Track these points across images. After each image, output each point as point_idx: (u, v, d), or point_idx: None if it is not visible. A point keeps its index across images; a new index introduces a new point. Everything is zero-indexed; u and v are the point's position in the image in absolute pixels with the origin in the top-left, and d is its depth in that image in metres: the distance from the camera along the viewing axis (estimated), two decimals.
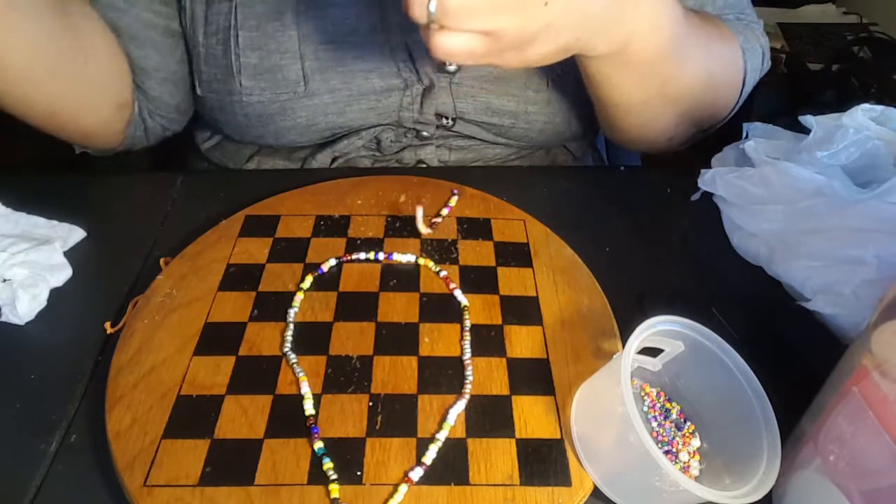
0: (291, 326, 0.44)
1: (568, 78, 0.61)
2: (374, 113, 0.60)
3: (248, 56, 0.56)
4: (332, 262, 0.49)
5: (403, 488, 0.35)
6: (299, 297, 0.46)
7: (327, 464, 0.36)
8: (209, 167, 0.71)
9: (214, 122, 0.63)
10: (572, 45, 0.43)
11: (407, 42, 0.57)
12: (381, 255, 0.49)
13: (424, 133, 0.62)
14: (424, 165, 0.64)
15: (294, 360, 0.42)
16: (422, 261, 0.49)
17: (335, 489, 0.35)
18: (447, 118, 0.61)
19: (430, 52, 0.39)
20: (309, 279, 0.47)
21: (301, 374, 0.41)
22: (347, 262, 0.49)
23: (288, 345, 0.43)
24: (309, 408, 0.39)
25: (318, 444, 0.37)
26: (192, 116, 0.67)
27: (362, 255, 0.49)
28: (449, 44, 0.38)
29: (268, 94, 0.57)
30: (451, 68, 0.58)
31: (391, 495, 0.35)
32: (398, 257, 0.49)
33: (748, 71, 0.59)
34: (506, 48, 0.39)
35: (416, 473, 0.36)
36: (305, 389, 0.40)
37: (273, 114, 0.58)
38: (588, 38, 0.43)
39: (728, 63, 0.57)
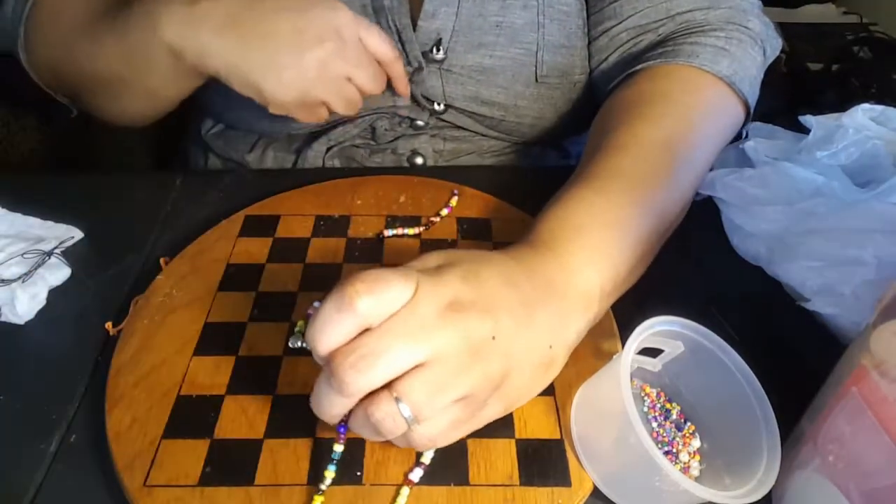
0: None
1: (553, 76, 0.61)
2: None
3: None
4: (317, 304, 0.45)
5: (405, 491, 0.35)
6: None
7: (330, 472, 0.35)
8: (211, 158, 0.71)
9: (213, 106, 0.65)
10: (550, 354, 0.36)
11: (396, 25, 0.57)
12: None
13: (419, 122, 0.63)
14: (420, 157, 0.65)
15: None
16: None
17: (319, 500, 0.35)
18: (438, 104, 0.62)
19: (417, 449, 0.35)
20: (301, 324, 0.44)
21: None
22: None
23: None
24: None
25: (338, 448, 0.36)
26: (195, 106, 0.69)
27: None
28: (433, 430, 0.33)
29: None
30: (439, 56, 0.59)
31: (393, 500, 0.35)
32: None
33: (745, 92, 0.53)
34: (484, 398, 0.34)
35: (416, 474, 0.36)
36: None
37: None
38: (557, 337, 0.37)
39: (716, 122, 0.52)
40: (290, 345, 0.43)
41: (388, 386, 0.31)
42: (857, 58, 1.22)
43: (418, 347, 0.31)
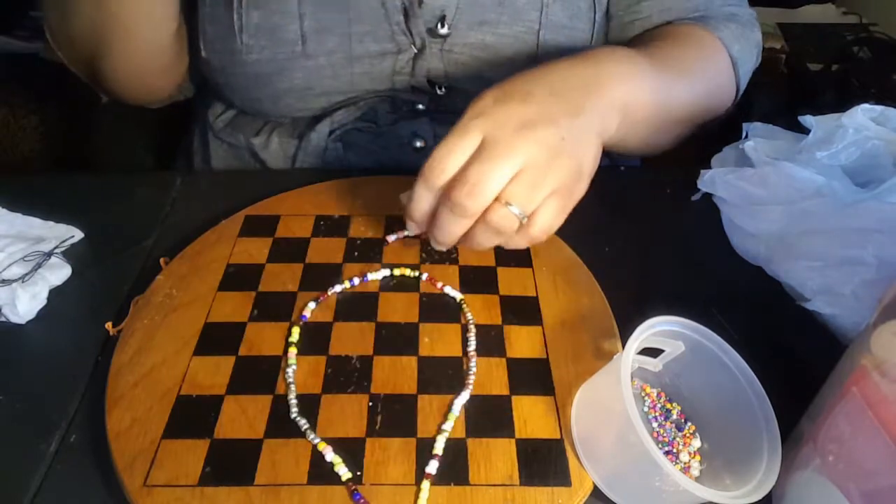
0: (293, 388, 0.41)
1: (552, 56, 0.62)
2: (367, 77, 0.61)
3: (251, 15, 0.58)
4: (312, 304, 0.46)
5: (426, 485, 0.35)
6: (293, 352, 0.42)
7: None
8: (215, 147, 0.72)
9: (217, 87, 0.66)
10: (598, 142, 0.45)
11: (403, 3, 0.58)
12: (357, 281, 0.48)
13: (419, 106, 0.64)
14: (420, 141, 0.65)
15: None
16: (397, 271, 0.49)
17: None
18: (439, 86, 0.63)
19: (536, 240, 0.43)
20: (296, 332, 0.44)
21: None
22: (328, 296, 0.47)
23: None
24: (344, 472, 0.36)
25: None
26: (202, 94, 0.71)
27: (338, 288, 0.47)
28: (545, 219, 0.42)
29: (267, 53, 0.59)
30: (443, 31, 0.59)
31: (416, 497, 0.35)
32: (372, 276, 0.48)
33: (741, 76, 0.62)
34: (572, 185, 0.43)
35: (433, 466, 0.36)
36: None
37: (271, 73, 0.60)
38: (602, 127, 0.46)
39: (720, 74, 0.61)
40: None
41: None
42: (857, 58, 1.22)
43: (511, 163, 0.40)
